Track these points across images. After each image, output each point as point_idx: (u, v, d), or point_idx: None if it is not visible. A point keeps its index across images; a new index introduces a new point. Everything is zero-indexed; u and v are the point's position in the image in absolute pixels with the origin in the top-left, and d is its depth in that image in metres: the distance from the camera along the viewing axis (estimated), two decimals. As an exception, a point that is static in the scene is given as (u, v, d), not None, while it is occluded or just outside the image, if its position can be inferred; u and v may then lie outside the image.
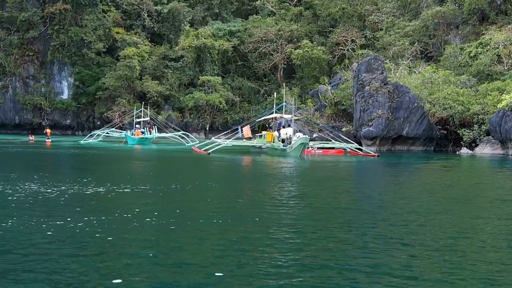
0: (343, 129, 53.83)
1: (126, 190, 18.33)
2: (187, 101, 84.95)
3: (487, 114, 52.65)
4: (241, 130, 51.59)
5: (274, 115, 49.96)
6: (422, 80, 56.85)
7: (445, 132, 55.35)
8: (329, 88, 60.60)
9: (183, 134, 65.89)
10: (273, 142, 44.40)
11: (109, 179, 22.21)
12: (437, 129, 54.64)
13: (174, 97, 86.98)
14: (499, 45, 62.07)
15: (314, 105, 62.30)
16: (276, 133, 45.02)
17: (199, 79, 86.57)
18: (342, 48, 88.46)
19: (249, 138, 50.20)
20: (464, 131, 53.25)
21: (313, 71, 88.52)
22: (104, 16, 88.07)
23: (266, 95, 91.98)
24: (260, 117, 55.57)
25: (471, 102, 54.51)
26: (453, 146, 56.05)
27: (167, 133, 67.59)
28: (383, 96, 52.45)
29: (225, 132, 56.82)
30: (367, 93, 53.08)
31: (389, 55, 78.10)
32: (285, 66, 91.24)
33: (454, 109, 53.82)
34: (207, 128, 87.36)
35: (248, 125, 50.74)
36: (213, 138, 48.68)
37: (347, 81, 60.56)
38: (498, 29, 63.08)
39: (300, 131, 47.42)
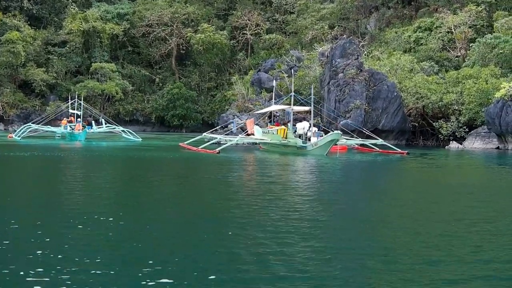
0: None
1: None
2: (79, 91, 73.46)
3: (463, 104, 47.58)
4: (235, 124, 43.48)
5: (273, 107, 41.15)
6: (390, 67, 50.33)
7: (416, 124, 49.61)
8: (286, 76, 52.20)
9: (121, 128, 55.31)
10: (288, 138, 36.28)
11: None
12: (409, 121, 48.76)
13: (61, 86, 75.37)
14: (447, 28, 57.48)
15: (256, 95, 54.06)
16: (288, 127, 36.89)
17: (91, 66, 75.72)
18: (245, 32, 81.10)
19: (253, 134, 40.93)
20: (442, 123, 47.63)
21: (215, 58, 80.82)
22: (-21, -3, 73.87)
23: (161, 84, 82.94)
24: (259, 110, 46.16)
25: (442, 91, 49.11)
26: (423, 140, 50.52)
27: (117, 125, 55.86)
28: (360, 84, 45.41)
29: (220, 127, 46.71)
30: (342, 81, 45.78)
31: (305, 40, 72.09)
32: (183, 51, 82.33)
33: (428, 98, 48.13)
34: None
35: (253, 119, 41.58)
36: (204, 134, 39.67)
37: (306, 67, 52.67)
38: (452, 12, 58.29)
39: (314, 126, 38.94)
